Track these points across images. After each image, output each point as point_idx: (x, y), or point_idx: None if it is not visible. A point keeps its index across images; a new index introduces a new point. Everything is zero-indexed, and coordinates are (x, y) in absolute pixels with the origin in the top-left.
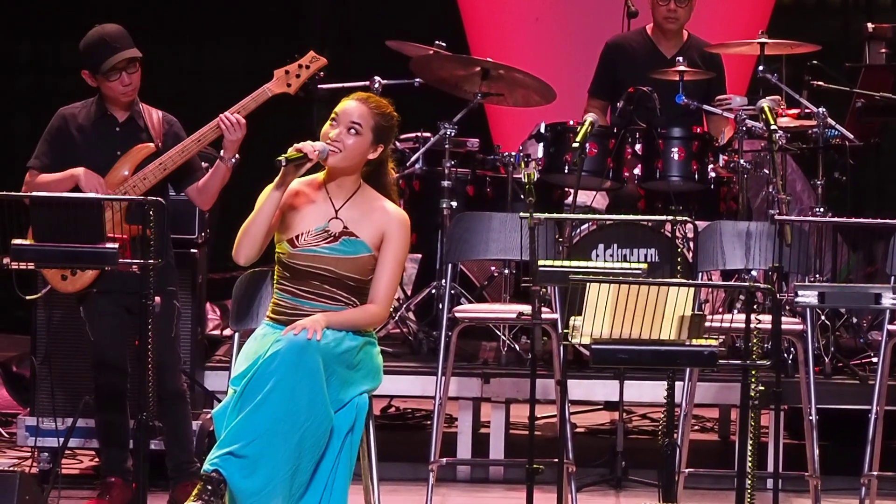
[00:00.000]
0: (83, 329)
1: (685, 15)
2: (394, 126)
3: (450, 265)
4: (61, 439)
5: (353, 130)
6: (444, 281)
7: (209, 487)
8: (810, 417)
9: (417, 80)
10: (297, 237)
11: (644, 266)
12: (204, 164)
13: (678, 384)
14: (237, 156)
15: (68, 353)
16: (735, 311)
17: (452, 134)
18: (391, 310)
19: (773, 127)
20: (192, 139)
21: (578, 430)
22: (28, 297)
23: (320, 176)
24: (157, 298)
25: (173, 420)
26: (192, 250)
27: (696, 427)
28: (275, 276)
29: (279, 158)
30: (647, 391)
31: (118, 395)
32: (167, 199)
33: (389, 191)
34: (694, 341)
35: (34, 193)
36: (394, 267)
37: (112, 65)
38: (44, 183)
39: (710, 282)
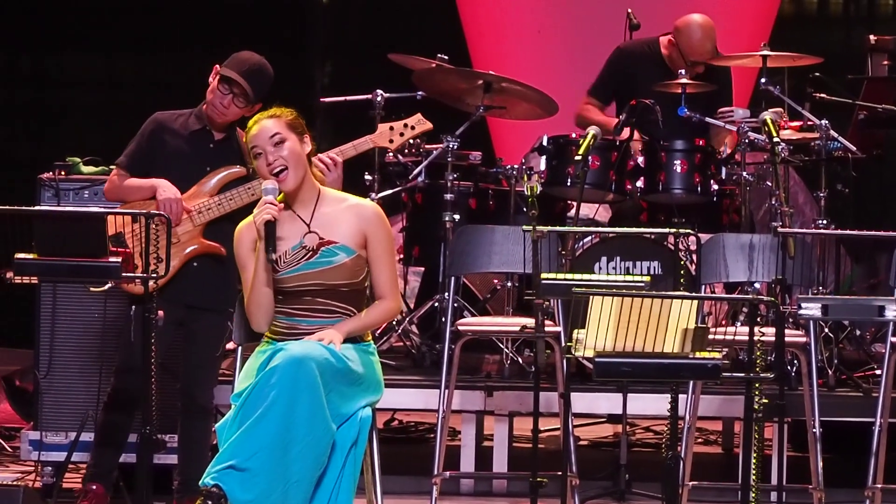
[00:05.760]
0: (126, 331)
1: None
2: (298, 115)
3: (452, 278)
4: (65, 453)
5: (278, 143)
6: (446, 294)
7: (209, 502)
8: (814, 430)
9: (420, 93)
10: (276, 262)
11: (647, 279)
12: None
13: (681, 397)
14: None
15: (72, 367)
16: (738, 324)
17: (455, 147)
18: (394, 323)
19: (775, 139)
20: None
21: (582, 443)
22: (93, 290)
23: (280, 196)
24: (161, 312)
25: (194, 435)
26: None
27: (699, 440)
28: None
29: (271, 259)
30: (650, 404)
31: (132, 401)
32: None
33: (317, 175)
34: (697, 354)
35: (35, 208)
36: (388, 259)
37: (227, 75)
38: (126, 186)
39: (714, 294)
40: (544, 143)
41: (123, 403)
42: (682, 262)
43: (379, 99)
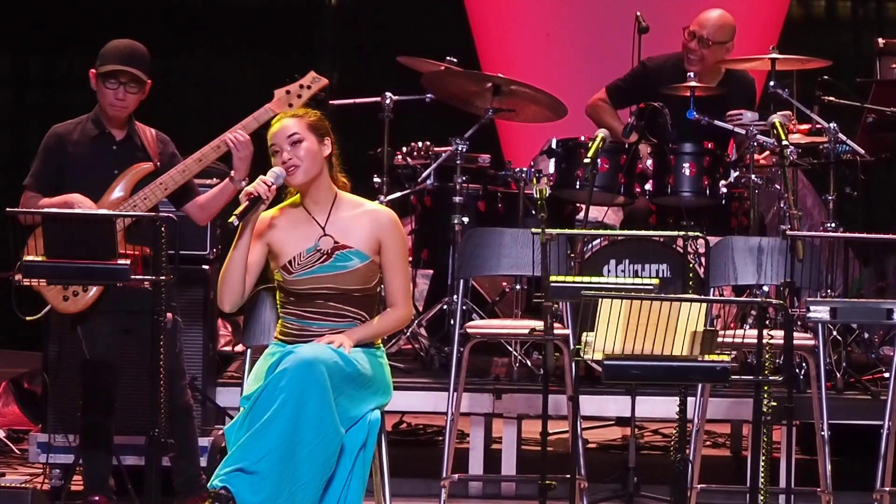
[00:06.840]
0: (81, 347)
1: (712, 56)
2: (322, 118)
3: (461, 281)
4: (73, 456)
5: (295, 142)
6: (455, 297)
7: None
8: (822, 433)
9: (429, 95)
10: (290, 263)
11: (656, 281)
12: (214, 180)
13: (690, 400)
14: (247, 178)
15: (80, 369)
16: (747, 327)
17: (464, 150)
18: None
19: (784, 142)
20: (192, 159)
21: (590, 445)
22: (28, 318)
23: (297, 197)
24: (169, 315)
25: (182, 434)
26: (204, 266)
27: (708, 442)
28: (277, 300)
29: (231, 220)
30: (658, 407)
31: (106, 399)
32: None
33: (338, 180)
34: (706, 357)
35: (46, 210)
36: (402, 266)
37: (109, 70)
38: (39, 209)
39: (722, 297)
40: (553, 145)
41: (97, 401)
42: (691, 265)
43: (388, 101)
